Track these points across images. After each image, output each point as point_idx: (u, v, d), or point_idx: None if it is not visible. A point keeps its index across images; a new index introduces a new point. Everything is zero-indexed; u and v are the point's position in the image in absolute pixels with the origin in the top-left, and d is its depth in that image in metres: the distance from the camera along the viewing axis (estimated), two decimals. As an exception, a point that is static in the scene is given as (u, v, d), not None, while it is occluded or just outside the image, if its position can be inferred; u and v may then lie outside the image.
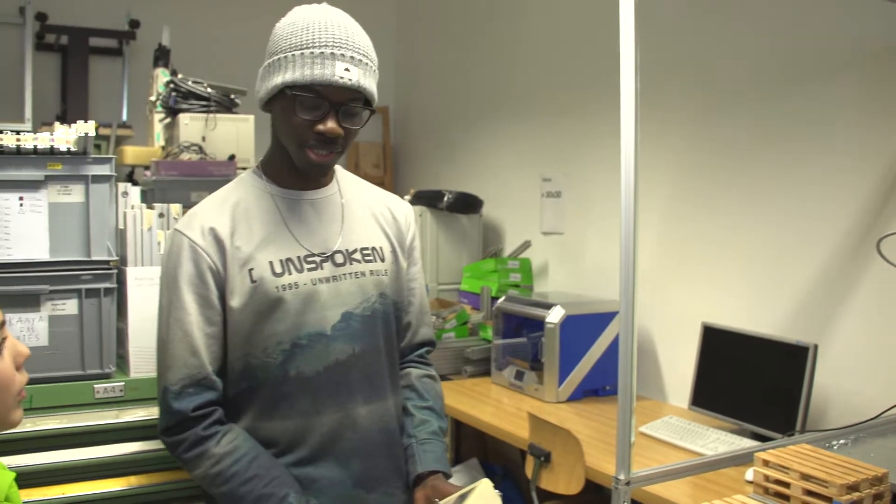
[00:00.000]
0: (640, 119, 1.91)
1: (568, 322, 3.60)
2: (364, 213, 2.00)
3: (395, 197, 2.13)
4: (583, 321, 3.65)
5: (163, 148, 3.47)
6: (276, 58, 1.80)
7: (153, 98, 3.78)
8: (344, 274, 1.90)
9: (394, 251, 2.01)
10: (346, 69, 1.74)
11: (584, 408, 3.55)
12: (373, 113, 1.85)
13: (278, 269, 1.84)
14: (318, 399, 1.86)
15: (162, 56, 4.61)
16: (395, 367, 2.03)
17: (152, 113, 3.76)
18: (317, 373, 1.85)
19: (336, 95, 1.77)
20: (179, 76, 3.40)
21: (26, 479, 2.07)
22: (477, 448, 4.23)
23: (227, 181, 2.94)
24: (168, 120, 3.41)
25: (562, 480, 2.96)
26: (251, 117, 3.31)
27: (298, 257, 1.86)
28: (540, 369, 3.66)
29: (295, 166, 1.87)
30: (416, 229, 2.13)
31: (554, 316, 3.60)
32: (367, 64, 1.78)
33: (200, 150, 3.16)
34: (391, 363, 2.00)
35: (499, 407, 3.62)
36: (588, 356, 3.65)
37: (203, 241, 1.82)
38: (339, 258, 1.91)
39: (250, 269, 1.82)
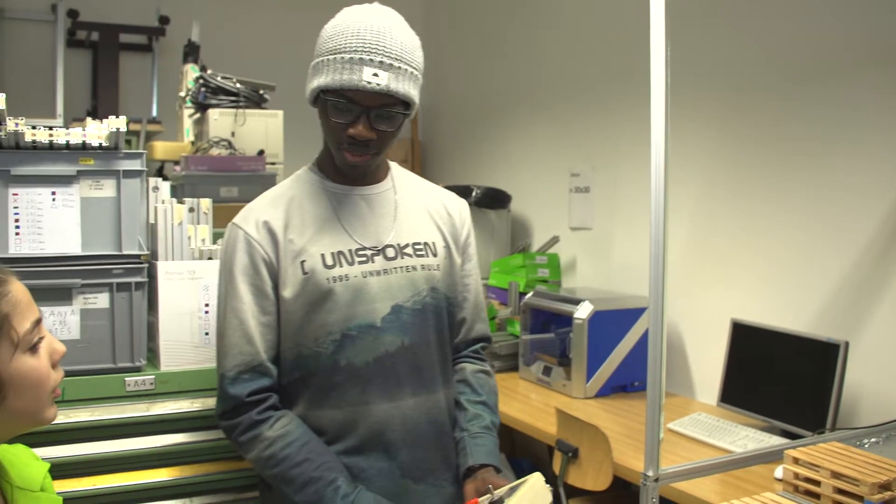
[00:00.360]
0: (669, 114, 1.90)
1: (596, 318, 3.59)
2: (418, 208, 2.04)
3: (451, 194, 2.16)
4: (611, 317, 3.63)
5: (192, 143, 3.49)
6: (316, 60, 1.85)
7: (183, 94, 3.81)
8: (395, 267, 1.93)
9: (447, 247, 2.04)
10: (375, 74, 1.76)
11: (612, 404, 3.53)
12: (406, 116, 1.87)
13: (329, 262, 1.88)
14: (367, 389, 1.89)
15: (191, 52, 4.63)
16: (447, 361, 2.05)
17: (182, 108, 3.78)
18: (366, 363, 1.89)
19: (366, 100, 1.79)
20: (209, 72, 3.41)
21: (58, 470, 2.10)
22: (504, 443, 4.19)
23: (256, 176, 3.00)
24: (197, 115, 3.43)
25: (589, 476, 2.95)
26: (280, 112, 3.32)
27: (350, 250, 1.91)
28: (568, 365, 3.66)
29: None
30: (472, 226, 2.14)
31: (582, 311, 3.59)
32: (399, 68, 1.79)
33: (230, 145, 3.18)
34: (442, 357, 2.02)
35: (526, 402, 3.62)
36: (616, 352, 3.64)
37: (257, 234, 1.89)
38: (390, 252, 1.94)
39: (302, 262, 1.87)
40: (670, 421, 3.16)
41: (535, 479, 1.74)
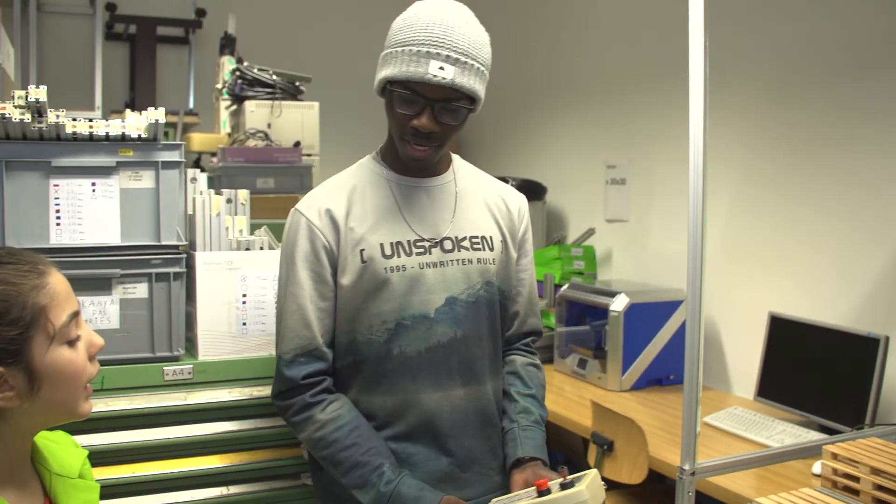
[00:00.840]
0: (708, 105, 1.89)
1: (632, 310, 3.57)
2: (477, 202, 2.05)
3: (511, 188, 2.16)
4: (647, 309, 3.62)
5: (229, 135, 3.52)
6: (385, 52, 1.87)
7: (219, 86, 3.83)
8: (451, 260, 1.95)
9: (504, 241, 2.05)
10: (441, 67, 1.78)
11: (647, 397, 3.52)
12: (471, 111, 1.88)
13: (388, 252, 1.91)
14: (418, 378, 1.92)
15: (228, 44, 4.66)
16: (498, 354, 2.06)
17: (218, 100, 3.81)
18: (418, 353, 1.91)
19: (431, 93, 1.81)
20: (245, 64, 3.44)
21: (97, 457, 2.11)
22: (538, 435, 4.22)
23: (293, 167, 3.02)
24: (234, 107, 3.45)
25: (624, 469, 2.94)
26: (316, 104, 3.33)
27: (408, 241, 1.93)
28: (603, 357, 3.64)
29: None
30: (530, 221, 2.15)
31: (618, 304, 3.58)
32: (465, 63, 1.80)
33: (266, 136, 3.20)
34: (493, 349, 2.03)
35: (561, 394, 3.61)
36: (652, 345, 3.62)
37: (319, 222, 1.92)
38: (447, 244, 1.96)
39: (361, 250, 1.90)
40: (706, 415, 3.14)
41: (594, 476, 1.75)
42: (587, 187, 4.60)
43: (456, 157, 2.11)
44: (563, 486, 1.72)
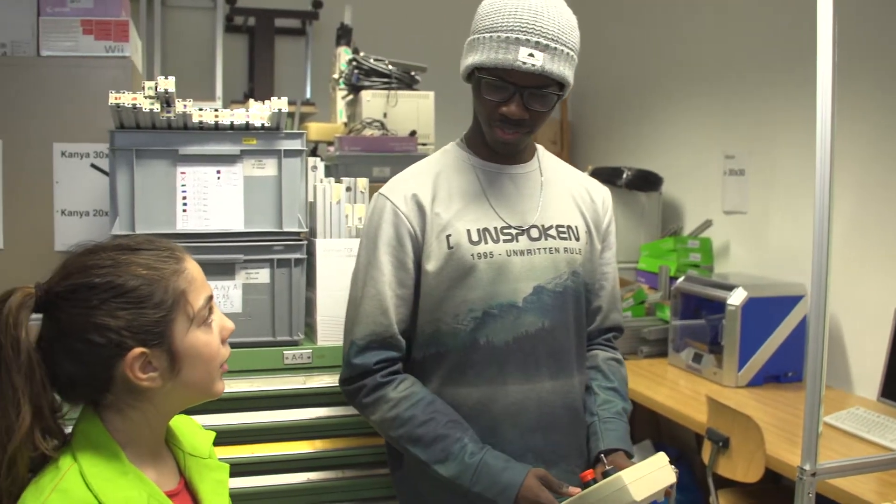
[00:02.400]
0: (836, 95, 1.83)
1: (750, 305, 3.48)
2: (562, 191, 2.01)
3: (595, 181, 2.14)
4: (766, 304, 3.52)
5: (345, 124, 3.56)
6: (472, 37, 1.84)
7: (336, 76, 3.88)
8: (538, 248, 1.91)
9: (589, 232, 2.02)
10: (531, 54, 1.75)
11: (764, 394, 3.43)
12: (560, 97, 1.85)
13: (475, 238, 1.88)
14: (505, 369, 1.88)
15: (344, 35, 4.72)
16: (583, 346, 2.03)
17: (335, 90, 3.86)
18: (506, 343, 1.88)
19: (520, 79, 1.78)
20: (361, 54, 3.47)
21: (218, 437, 2.17)
22: (651, 430, 4.17)
23: (408, 157, 3.03)
24: (350, 97, 3.49)
25: (740, 467, 2.88)
26: (431, 93, 3.34)
27: (495, 228, 1.90)
28: (719, 352, 3.57)
29: None
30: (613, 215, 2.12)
31: (735, 298, 3.49)
32: (555, 49, 1.77)
33: (382, 126, 3.23)
34: (579, 342, 2.00)
35: (675, 389, 3.55)
36: (770, 341, 3.52)
37: (405, 207, 1.90)
38: (534, 233, 1.93)
39: (448, 236, 1.87)
40: (826, 414, 3.04)
41: (658, 457, 1.71)
42: (704, 178, 4.50)
43: (540, 147, 2.07)
44: (605, 475, 1.70)
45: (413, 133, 3.20)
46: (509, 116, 1.81)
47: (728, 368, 3.52)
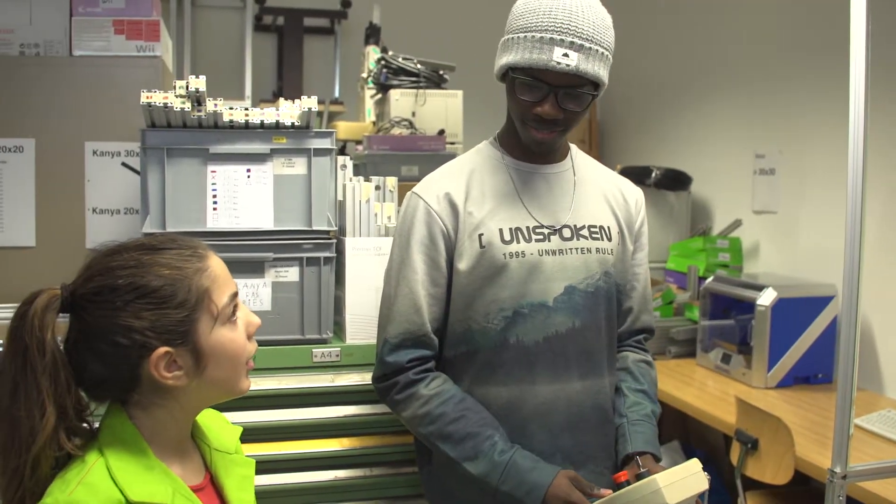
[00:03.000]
0: (870, 93, 1.81)
1: (780, 305, 3.46)
2: (595, 191, 2.01)
3: (628, 181, 2.12)
4: (796, 305, 3.49)
5: (374, 123, 3.57)
6: (506, 37, 1.84)
7: (364, 75, 3.89)
8: (570, 248, 1.91)
9: (621, 232, 2.01)
10: (565, 54, 1.74)
11: (793, 395, 3.41)
12: (595, 96, 1.84)
13: (507, 237, 1.87)
14: (535, 369, 1.88)
15: (373, 34, 4.73)
16: (613, 348, 2.03)
17: (363, 89, 3.87)
18: (536, 343, 1.87)
19: (555, 79, 1.77)
20: (390, 53, 3.48)
21: (246, 435, 2.17)
22: (679, 431, 4.15)
23: (437, 155, 3.04)
24: (379, 96, 3.50)
25: (769, 469, 2.86)
26: (460, 92, 3.35)
27: (528, 227, 1.89)
28: (748, 353, 3.55)
29: None
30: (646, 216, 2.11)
31: (765, 298, 3.47)
32: (590, 48, 1.76)
33: (410, 125, 3.23)
34: (610, 343, 1.99)
35: (703, 390, 3.54)
36: (800, 342, 3.50)
37: (438, 206, 1.90)
38: (566, 232, 1.92)
39: (480, 234, 1.87)
40: (857, 416, 3.00)
41: (691, 463, 1.71)
42: (734, 177, 4.47)
43: (573, 147, 2.06)
44: (639, 477, 1.69)
45: (441, 132, 3.20)
46: (544, 116, 1.80)
47: (757, 369, 3.49)
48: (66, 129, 2.54)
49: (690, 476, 1.67)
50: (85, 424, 1.31)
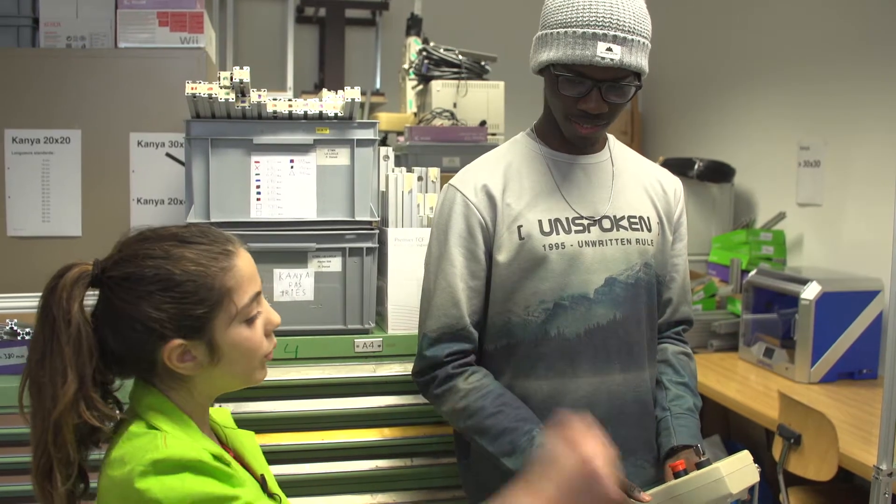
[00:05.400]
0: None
1: (824, 299, 3.41)
2: (634, 182, 1.99)
3: (666, 171, 2.10)
4: (840, 299, 3.44)
5: (415, 114, 3.58)
6: (544, 32, 1.81)
7: (406, 66, 3.90)
8: (610, 239, 1.89)
9: (661, 223, 1.98)
10: (609, 49, 1.72)
11: (837, 391, 3.36)
12: (639, 87, 1.82)
13: (546, 228, 1.86)
14: (576, 362, 1.87)
15: (414, 25, 4.73)
16: (654, 340, 2.01)
17: (405, 80, 3.88)
18: (577, 335, 1.86)
19: (599, 74, 1.76)
20: (431, 44, 3.48)
21: (290, 423, 2.23)
22: (719, 425, 4.12)
23: (478, 146, 3.04)
24: (420, 87, 3.50)
25: (812, 465, 2.83)
26: (501, 83, 3.34)
27: (567, 218, 1.88)
28: (791, 347, 3.50)
29: None
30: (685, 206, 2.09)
31: (809, 292, 3.43)
32: (632, 40, 1.74)
33: (452, 116, 3.23)
34: (651, 335, 1.98)
35: (745, 384, 3.50)
36: (844, 337, 3.45)
37: (475, 198, 1.88)
38: (606, 223, 1.90)
39: (519, 226, 1.86)
40: (904, 412, 2.98)
41: (744, 454, 1.70)
42: (778, 169, 4.42)
43: (611, 137, 2.04)
44: (700, 466, 1.68)
45: (483, 123, 3.20)
46: (589, 112, 1.79)
47: (800, 364, 3.45)
48: (112, 121, 2.59)
49: (745, 467, 1.67)
50: (110, 401, 1.34)
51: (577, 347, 1.86)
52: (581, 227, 1.88)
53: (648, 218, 1.96)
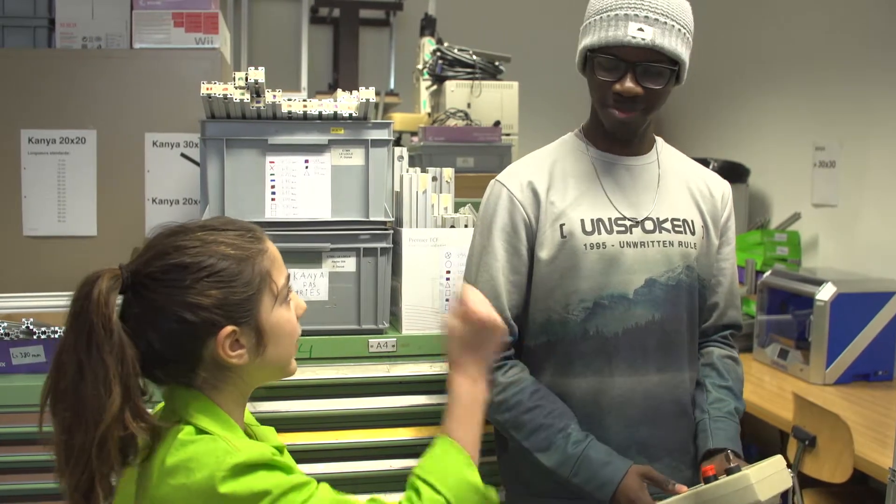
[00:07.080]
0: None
1: (839, 300, 3.39)
2: (680, 184, 1.98)
3: (715, 174, 2.10)
4: (855, 300, 3.43)
5: (429, 114, 3.58)
6: (584, 23, 1.85)
7: (420, 66, 3.90)
8: (652, 241, 1.89)
9: (705, 226, 1.97)
10: (640, 29, 1.74)
11: (852, 393, 3.35)
12: (674, 73, 1.83)
13: (588, 228, 1.87)
14: (614, 361, 1.87)
15: (428, 25, 4.73)
16: (695, 342, 2.00)
17: (419, 81, 3.88)
18: (615, 334, 1.87)
19: (631, 55, 1.77)
20: (445, 44, 3.49)
21: (304, 423, 2.23)
22: (733, 426, 4.10)
23: (492, 147, 3.04)
24: (434, 87, 3.51)
25: (826, 467, 2.82)
26: (515, 84, 3.34)
27: (609, 219, 1.89)
28: (806, 349, 3.49)
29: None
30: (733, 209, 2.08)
31: (824, 293, 3.41)
32: (665, 23, 1.75)
33: (466, 116, 3.24)
34: (691, 337, 1.97)
35: (759, 385, 3.49)
36: (860, 338, 3.44)
37: (521, 194, 1.91)
38: (648, 225, 1.91)
39: (561, 225, 1.87)
40: (920, 414, 2.97)
41: (776, 459, 1.69)
42: (793, 170, 4.40)
43: (660, 140, 2.05)
44: (729, 472, 1.67)
45: (497, 123, 3.20)
46: (623, 94, 1.79)
47: (815, 365, 3.44)
48: (127, 121, 2.60)
49: (777, 473, 1.66)
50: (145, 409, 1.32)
51: (615, 346, 1.87)
52: (623, 228, 1.89)
53: (692, 221, 1.95)
